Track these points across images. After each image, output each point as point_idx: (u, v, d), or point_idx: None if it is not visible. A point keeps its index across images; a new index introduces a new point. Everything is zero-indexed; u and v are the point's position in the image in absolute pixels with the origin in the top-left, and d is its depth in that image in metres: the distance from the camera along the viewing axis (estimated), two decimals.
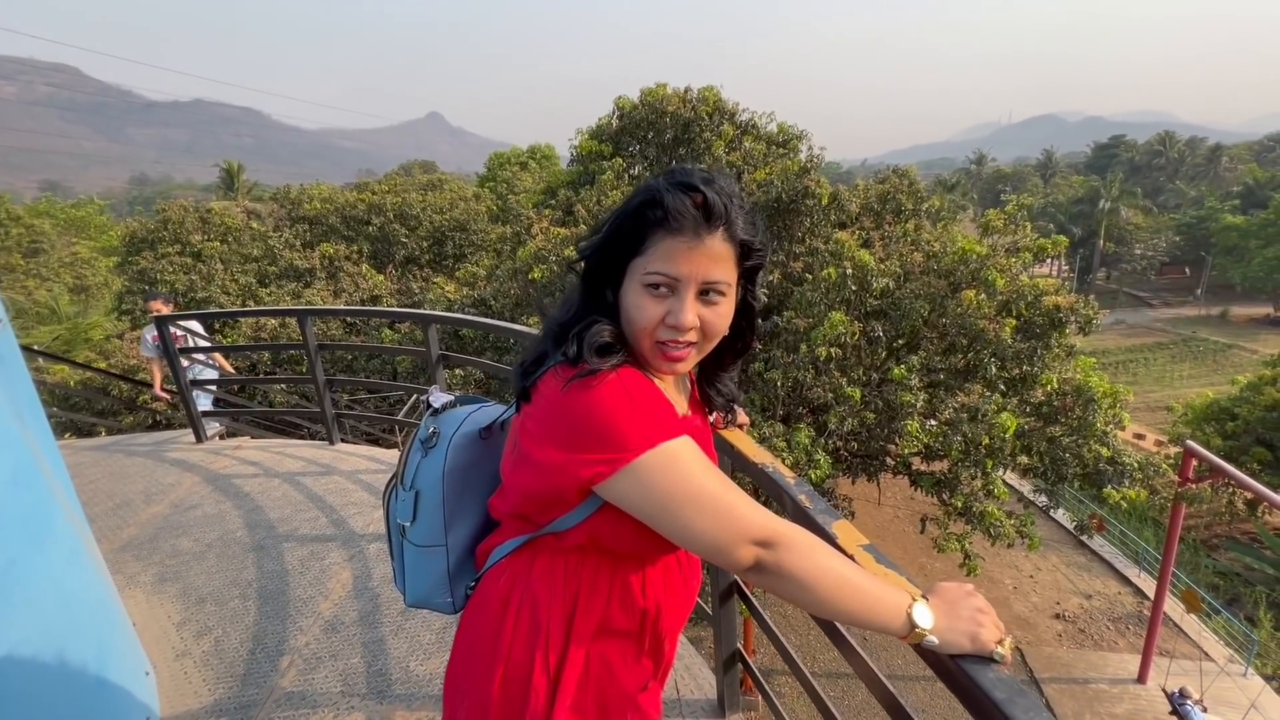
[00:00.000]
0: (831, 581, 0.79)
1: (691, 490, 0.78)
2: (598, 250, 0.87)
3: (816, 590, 0.78)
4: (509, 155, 29.39)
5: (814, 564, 0.79)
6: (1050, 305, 7.07)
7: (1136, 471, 7.16)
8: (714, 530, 0.78)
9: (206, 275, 14.18)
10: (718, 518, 0.78)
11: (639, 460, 0.77)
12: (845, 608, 0.79)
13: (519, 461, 0.89)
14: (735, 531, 0.78)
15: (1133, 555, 13.86)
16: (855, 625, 0.81)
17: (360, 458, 4.20)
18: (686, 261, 0.81)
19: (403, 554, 1.05)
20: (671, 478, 0.78)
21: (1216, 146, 70.27)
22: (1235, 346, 39.53)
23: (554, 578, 0.90)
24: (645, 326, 0.83)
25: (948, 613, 0.80)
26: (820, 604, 0.79)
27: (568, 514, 0.86)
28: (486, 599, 0.94)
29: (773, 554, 0.78)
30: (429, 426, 1.04)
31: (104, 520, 3.41)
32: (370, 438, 9.58)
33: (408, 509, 1.01)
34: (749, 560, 0.79)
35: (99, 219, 42.03)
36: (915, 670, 10.25)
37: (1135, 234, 49.08)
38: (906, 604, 0.79)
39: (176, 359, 4.40)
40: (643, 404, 0.80)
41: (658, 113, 9.99)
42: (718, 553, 0.79)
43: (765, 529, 0.79)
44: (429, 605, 1.06)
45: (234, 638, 2.39)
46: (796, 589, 0.79)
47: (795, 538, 0.80)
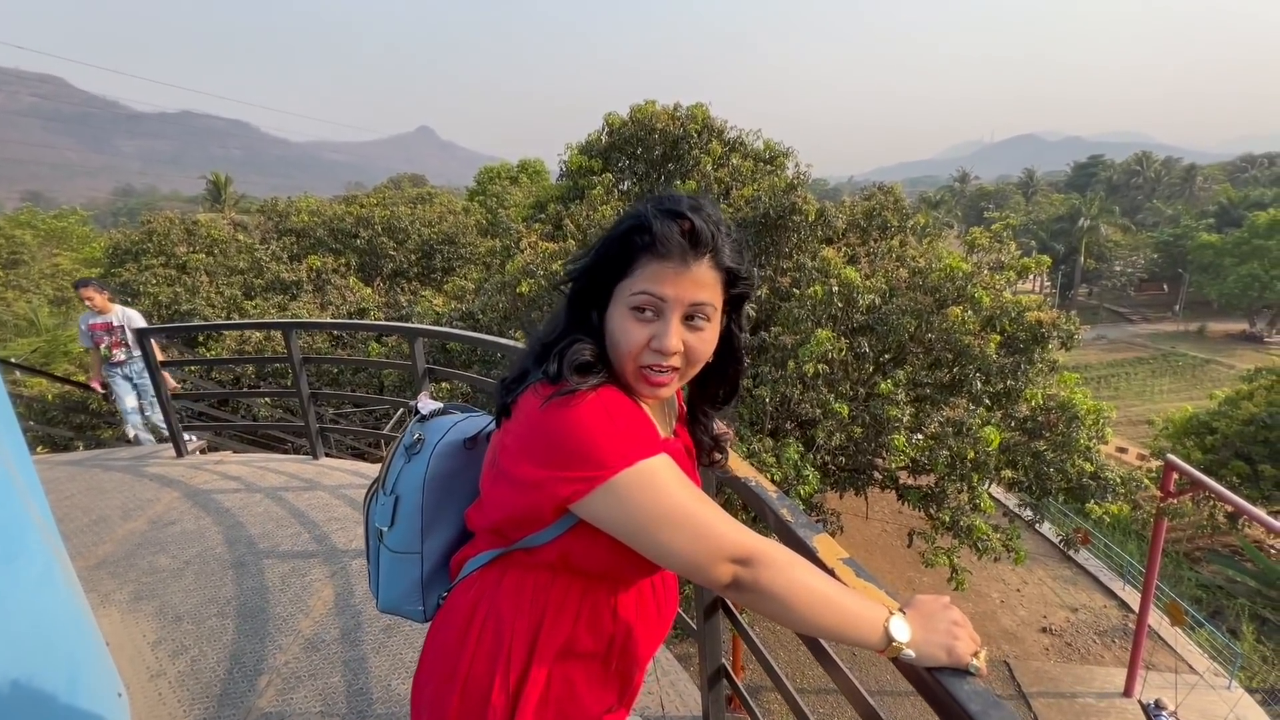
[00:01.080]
0: (810, 598, 0.79)
1: (668, 508, 0.78)
2: (585, 272, 0.87)
3: (795, 607, 0.79)
4: (499, 169, 29.49)
5: (792, 581, 0.79)
6: (1033, 321, 7.18)
7: (1119, 486, 7.25)
8: (691, 548, 0.78)
9: (191, 287, 14.03)
10: (695, 535, 0.78)
11: (616, 478, 0.76)
12: (823, 623, 0.79)
13: (497, 477, 0.89)
14: (712, 549, 0.78)
15: (1117, 568, 13.98)
16: (834, 640, 0.82)
17: (344, 472, 4.15)
18: (672, 285, 0.81)
19: (378, 558, 1.04)
20: (649, 495, 0.78)
21: (1191, 167, 72.25)
22: (1213, 361, 40.33)
23: (521, 595, 0.89)
24: (630, 350, 0.83)
25: (924, 626, 0.81)
26: (799, 620, 0.79)
27: (541, 531, 0.86)
28: (453, 611, 0.93)
29: (750, 571, 0.78)
30: (414, 433, 1.04)
31: (79, 537, 3.33)
32: (355, 452, 9.48)
33: (386, 513, 1.01)
34: (727, 578, 0.79)
35: (81, 230, 41.49)
36: (903, 686, 10.21)
37: (1115, 251, 50.16)
38: (884, 618, 0.80)
39: (158, 372, 4.34)
40: (622, 422, 0.80)
41: (647, 129, 10.09)
42: (695, 570, 0.79)
43: (743, 546, 0.79)
44: (400, 612, 1.05)
45: (211, 657, 2.34)
46: (775, 606, 0.79)
47: (773, 555, 0.80)
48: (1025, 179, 79.16)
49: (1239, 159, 78.63)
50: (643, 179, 10.51)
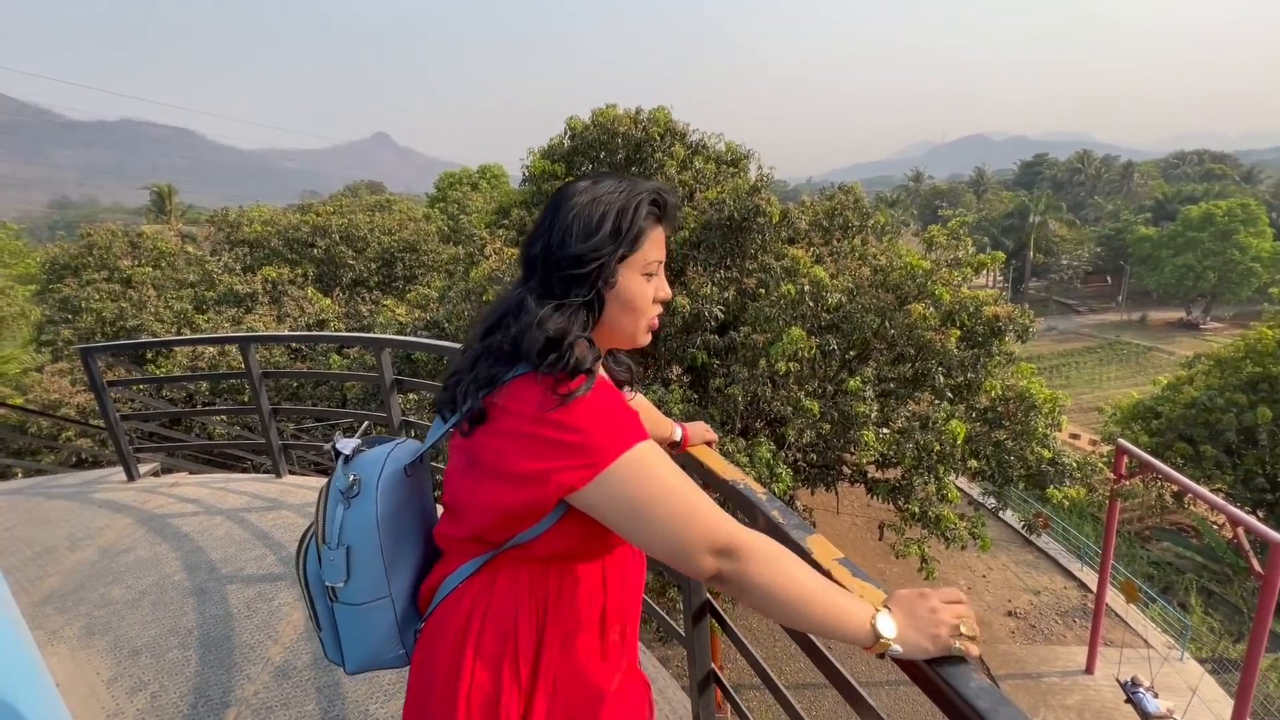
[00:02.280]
0: (796, 592, 0.80)
1: (660, 495, 0.80)
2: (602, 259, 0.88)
3: (779, 600, 0.80)
4: (459, 175, 29.10)
5: (778, 574, 0.80)
6: (990, 315, 7.41)
7: (1075, 471, 7.53)
8: (677, 536, 0.79)
9: (138, 302, 13.41)
10: (683, 524, 0.79)
11: (613, 465, 0.79)
12: (809, 618, 0.80)
13: (481, 479, 0.86)
14: (698, 539, 0.79)
15: (1075, 550, 14.53)
16: (820, 635, 0.83)
17: (310, 489, 4.01)
18: (662, 248, 0.96)
19: (333, 620, 0.97)
20: (641, 483, 0.80)
21: (1129, 164, 75.89)
22: (1155, 349, 42.41)
23: (518, 590, 0.89)
24: (647, 308, 0.94)
25: (907, 619, 0.82)
26: (784, 614, 0.80)
27: (535, 525, 0.85)
28: (443, 629, 0.90)
29: (735, 564, 0.80)
30: (347, 475, 0.96)
31: (22, 571, 3.13)
32: (319, 468, 9.18)
33: (339, 568, 0.93)
34: (711, 568, 0.80)
35: (13, 244, 39.28)
36: (881, 676, 10.40)
37: (1061, 246, 52.33)
38: (870, 615, 0.80)
39: (104, 391, 4.12)
40: (615, 410, 0.83)
41: (609, 133, 10.08)
42: (680, 558, 0.80)
43: (730, 537, 0.80)
44: (378, 665, 1.00)
45: (173, 691, 2.21)
46: (760, 599, 0.80)
47: (759, 547, 0.81)
48: (976, 178, 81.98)
49: (1171, 156, 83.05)
50: None
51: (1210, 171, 69.13)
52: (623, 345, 0.98)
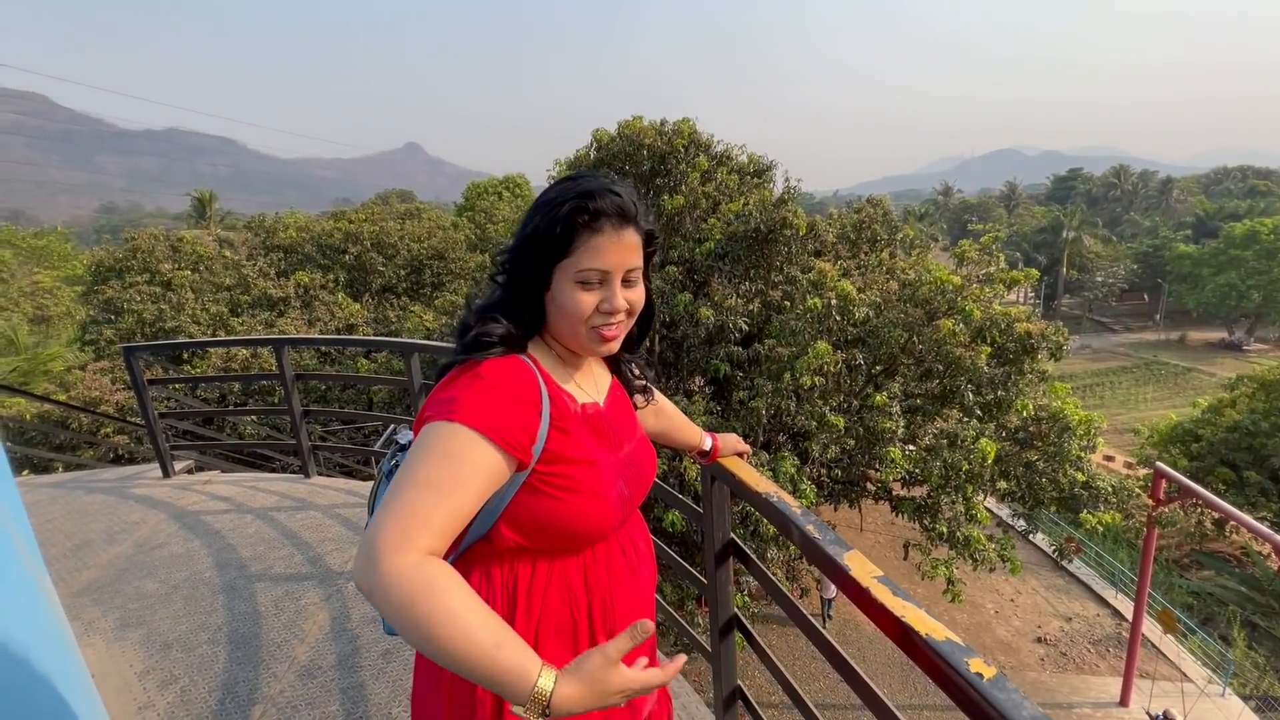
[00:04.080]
0: (429, 632, 0.69)
1: (415, 474, 0.77)
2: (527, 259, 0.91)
3: (411, 633, 0.70)
4: (487, 185, 29.57)
5: (408, 605, 0.69)
6: (1022, 332, 7.25)
7: (1111, 495, 7.29)
8: (380, 515, 0.74)
9: (176, 304, 13.84)
10: (390, 508, 0.74)
11: (428, 427, 0.81)
12: (449, 657, 0.70)
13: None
14: (373, 530, 0.73)
15: (1109, 577, 14.03)
16: (468, 678, 0.73)
17: (337, 491, 4.06)
18: (614, 254, 0.89)
19: None
20: (422, 454, 0.79)
21: (1167, 180, 73.93)
22: (1194, 370, 40.99)
23: (491, 584, 0.91)
24: (582, 315, 0.90)
25: (571, 691, 0.71)
26: (424, 650, 0.71)
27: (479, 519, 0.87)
28: None
29: (367, 578, 0.71)
30: (394, 459, 1.05)
31: (62, 562, 3.22)
32: (345, 470, 9.33)
33: None
34: (356, 569, 0.73)
35: (62, 248, 40.96)
36: (920, 699, 10.14)
37: (1096, 262, 51.01)
38: (533, 677, 0.70)
39: (144, 390, 4.24)
40: (491, 391, 0.84)
41: (635, 145, 10.14)
42: (364, 538, 0.74)
43: (382, 542, 0.71)
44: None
45: (202, 687, 2.25)
46: (393, 624, 0.71)
47: (398, 570, 0.70)
48: (1007, 192, 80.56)
49: (1212, 171, 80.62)
50: None
51: (1254, 188, 66.95)
52: (580, 351, 0.98)
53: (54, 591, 1.92)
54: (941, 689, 0.83)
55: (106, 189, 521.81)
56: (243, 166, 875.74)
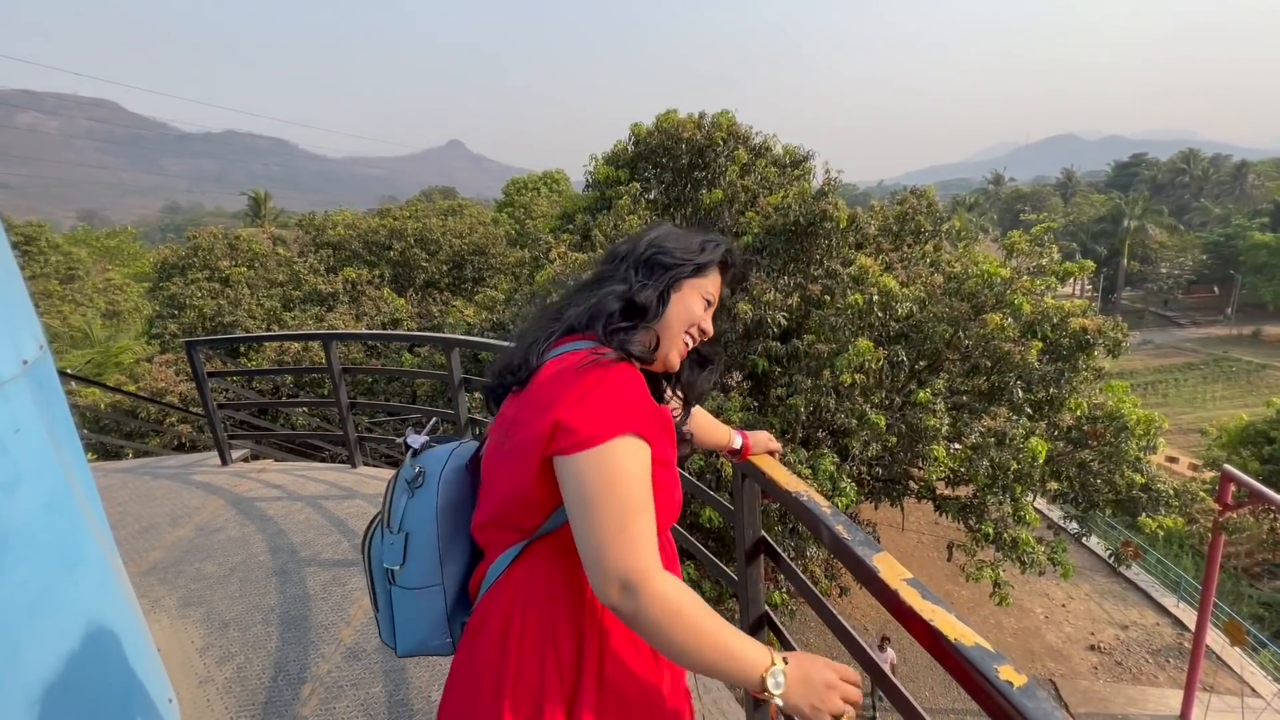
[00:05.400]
0: (685, 642, 0.79)
1: (609, 498, 0.80)
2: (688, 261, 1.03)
3: (670, 646, 0.80)
4: (526, 180, 29.92)
5: (670, 623, 0.78)
6: (1077, 327, 6.94)
7: (1173, 499, 6.93)
8: (600, 548, 0.80)
9: (234, 300, 14.52)
10: (608, 538, 0.79)
11: (600, 446, 0.81)
12: (699, 663, 0.80)
13: (509, 454, 0.90)
14: (615, 562, 0.79)
15: (1170, 584, 13.35)
16: (710, 676, 0.86)
17: (381, 481, 4.21)
18: (718, 291, 1.07)
19: (390, 601, 1.02)
20: (605, 475, 0.81)
21: (1242, 163, 69.18)
22: (1269, 367, 38.44)
23: (555, 580, 0.91)
24: (692, 321, 1.02)
25: (799, 684, 0.82)
26: (674, 657, 0.81)
27: (557, 509, 0.88)
28: (486, 621, 0.92)
29: (631, 603, 0.79)
30: (414, 466, 1.03)
31: (130, 543, 3.44)
32: (390, 460, 9.63)
33: (397, 552, 1.00)
34: (612, 598, 0.80)
35: (132, 246, 43.41)
36: (949, 704, 9.90)
37: (1160, 252, 48.23)
38: (764, 668, 0.81)
39: (204, 382, 4.48)
40: (629, 392, 0.87)
41: (673, 138, 10.10)
42: (591, 574, 0.81)
43: (639, 574, 0.79)
44: (425, 650, 1.04)
45: (256, 664, 2.38)
46: (650, 639, 0.81)
47: (658, 593, 0.79)
48: (1064, 180, 76.86)
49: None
50: (669, 188, 10.52)
51: None
52: (659, 360, 1.02)
53: (124, 571, 2.05)
54: (970, 696, 0.82)
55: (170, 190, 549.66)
56: (295, 166, 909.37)
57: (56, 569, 1.43)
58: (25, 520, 1.34)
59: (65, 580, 1.46)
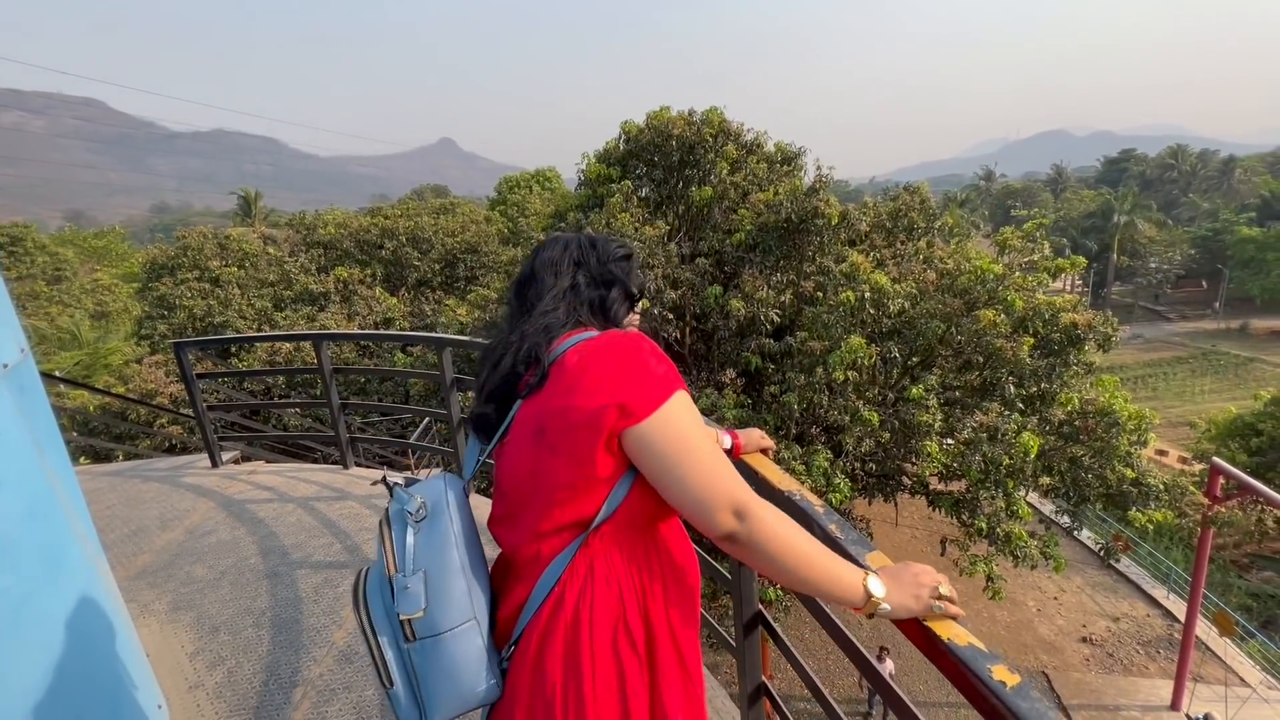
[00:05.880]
0: (797, 555, 0.86)
1: (696, 445, 0.86)
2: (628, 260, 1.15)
3: (784, 562, 0.85)
4: (519, 179, 29.81)
5: (783, 538, 0.85)
6: (1068, 323, 6.98)
7: (1162, 494, 6.99)
8: (706, 490, 0.84)
9: (224, 300, 14.40)
10: (711, 478, 0.85)
11: (667, 403, 0.86)
12: (809, 579, 0.86)
13: (559, 440, 0.88)
14: (722, 495, 0.84)
15: (1160, 576, 13.48)
16: (817, 595, 0.89)
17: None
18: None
19: (407, 668, 0.88)
20: (684, 429, 0.86)
21: (1230, 159, 69.75)
22: (1257, 360, 38.83)
23: (614, 571, 0.91)
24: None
25: (894, 584, 0.89)
26: (786, 575, 0.86)
27: (618, 484, 0.89)
28: (550, 633, 0.87)
29: (747, 524, 0.84)
30: (412, 499, 0.93)
31: (119, 547, 3.41)
32: (383, 460, 9.60)
33: (416, 596, 0.86)
34: (727, 526, 0.84)
35: (120, 247, 42.99)
36: (939, 697, 9.97)
37: (1149, 247, 48.58)
38: (862, 577, 0.88)
39: (193, 383, 4.44)
40: (664, 355, 0.92)
41: (663, 136, 10.08)
42: (702, 510, 0.84)
43: (742, 498, 0.85)
44: (466, 706, 0.90)
45: (247, 668, 2.35)
46: (766, 560, 0.85)
47: (768, 510, 0.86)
48: (1054, 175, 77.29)
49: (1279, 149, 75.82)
50: (660, 185, 10.50)
51: None
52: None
53: (111, 576, 2.03)
54: (964, 695, 0.82)
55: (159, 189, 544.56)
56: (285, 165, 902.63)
57: (39, 575, 1.41)
58: (6, 526, 1.32)
59: (49, 587, 1.44)
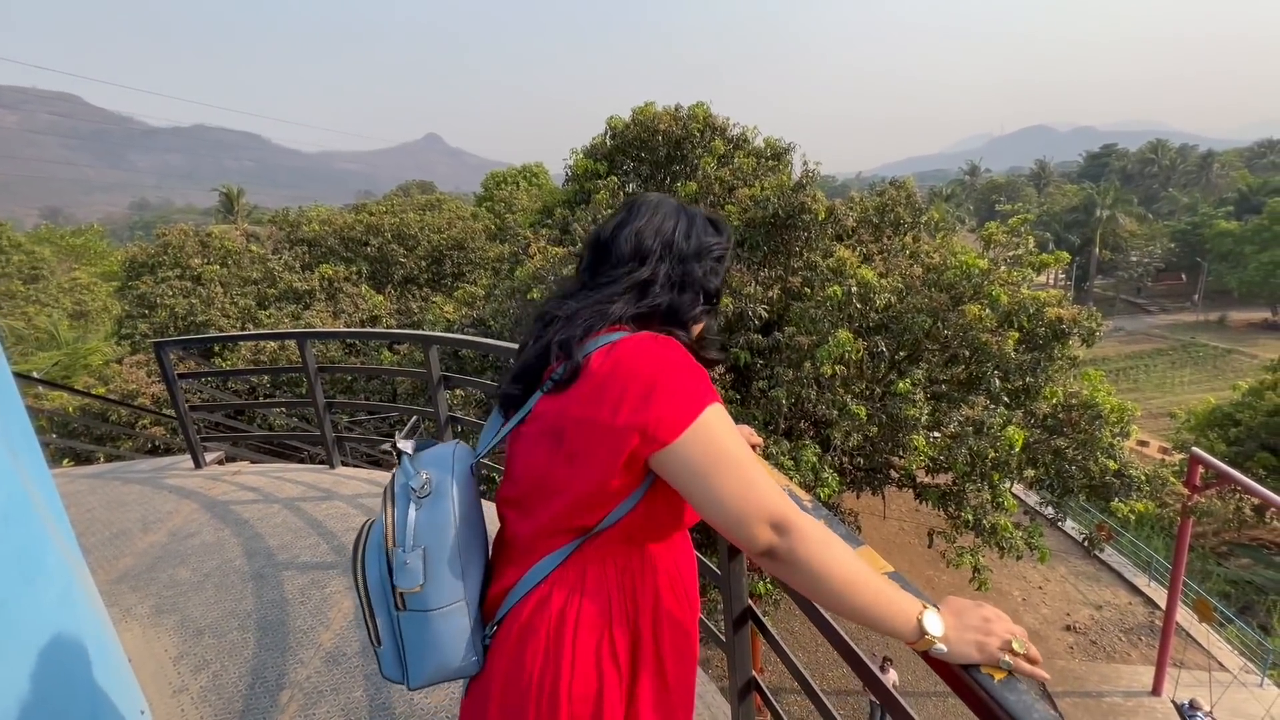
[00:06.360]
0: (844, 577, 0.78)
1: (730, 458, 0.80)
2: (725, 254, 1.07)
3: (828, 583, 0.78)
4: (506, 174, 29.63)
5: (829, 556, 0.79)
6: (1053, 317, 7.06)
7: (1144, 484, 7.10)
8: (741, 504, 0.79)
9: (206, 299, 14.19)
10: (747, 491, 0.79)
11: (698, 420, 0.80)
12: (855, 604, 0.78)
13: (578, 453, 0.85)
14: (758, 508, 0.79)
15: (1142, 564, 13.73)
16: (863, 624, 0.81)
17: (361, 481, 4.14)
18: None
19: (396, 632, 0.91)
20: (717, 442, 0.81)
21: (1208, 154, 70.92)
22: (1235, 351, 39.59)
23: (607, 582, 0.89)
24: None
25: (956, 623, 0.80)
26: (830, 597, 0.79)
27: (626, 499, 0.86)
28: (532, 627, 0.88)
29: (788, 540, 0.79)
30: (418, 474, 0.93)
31: (100, 550, 3.35)
32: (371, 459, 9.52)
33: (415, 572, 0.88)
34: (766, 540, 0.79)
35: (99, 245, 42.23)
36: (927, 687, 10.08)
37: (1131, 241, 49.33)
38: (918, 610, 0.80)
39: (175, 383, 4.37)
40: (698, 368, 0.86)
41: (650, 131, 10.05)
42: (738, 525, 0.79)
43: (785, 512, 0.79)
44: (446, 676, 0.94)
45: (233, 671, 2.33)
46: (808, 579, 0.79)
47: (813, 526, 0.80)
48: (1037, 171, 78.14)
49: (1257, 144, 77.11)
50: (647, 180, 10.47)
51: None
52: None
53: (91, 581, 1.99)
54: (951, 689, 0.82)
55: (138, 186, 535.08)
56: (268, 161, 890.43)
57: (15, 581, 1.38)
58: None
59: (25, 593, 1.41)
